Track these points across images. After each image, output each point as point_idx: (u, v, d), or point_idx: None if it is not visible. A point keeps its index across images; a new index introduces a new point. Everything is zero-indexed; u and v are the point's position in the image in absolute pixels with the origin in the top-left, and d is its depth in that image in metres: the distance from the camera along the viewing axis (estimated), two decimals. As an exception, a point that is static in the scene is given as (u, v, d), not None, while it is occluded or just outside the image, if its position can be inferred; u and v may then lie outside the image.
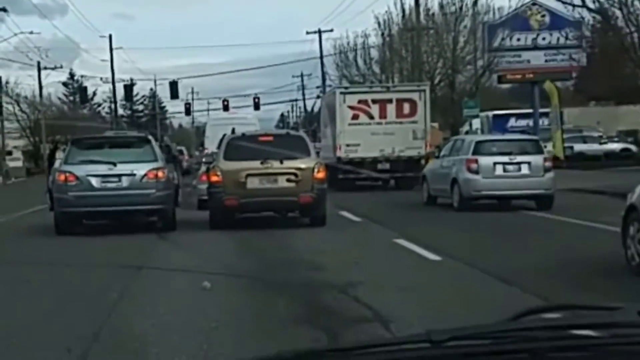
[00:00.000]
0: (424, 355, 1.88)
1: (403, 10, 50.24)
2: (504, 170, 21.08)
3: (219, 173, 17.98)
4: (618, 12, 30.77)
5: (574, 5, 32.72)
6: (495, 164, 21.13)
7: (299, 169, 17.76)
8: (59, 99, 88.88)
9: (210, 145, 33.57)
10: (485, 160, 21.17)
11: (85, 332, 8.09)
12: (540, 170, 21.11)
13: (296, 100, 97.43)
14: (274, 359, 1.91)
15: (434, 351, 1.87)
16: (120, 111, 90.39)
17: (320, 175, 17.95)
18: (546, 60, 42.80)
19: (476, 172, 21.07)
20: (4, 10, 59.82)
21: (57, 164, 19.22)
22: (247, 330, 8.21)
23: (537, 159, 21.30)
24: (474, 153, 21.39)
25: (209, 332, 8.02)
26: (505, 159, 21.20)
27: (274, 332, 7.99)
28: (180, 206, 22.20)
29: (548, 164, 21.51)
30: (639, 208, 10.95)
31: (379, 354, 1.91)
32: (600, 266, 11.70)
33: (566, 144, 39.78)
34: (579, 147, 45.65)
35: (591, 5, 31.36)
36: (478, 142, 22.16)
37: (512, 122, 52.04)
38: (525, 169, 21.09)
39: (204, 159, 27.81)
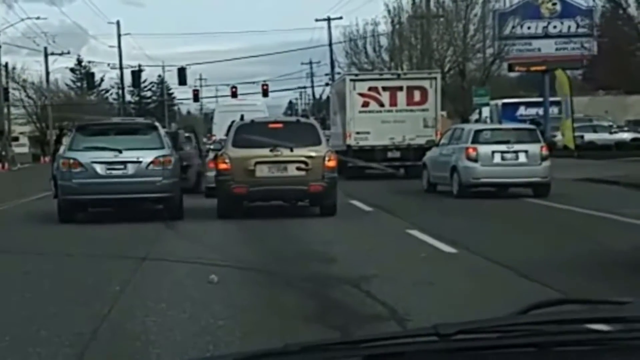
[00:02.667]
0: (431, 348, 1.87)
1: (413, -2, 49.78)
2: (502, 158, 21.66)
3: (227, 160, 17.56)
4: (632, 0, 30.22)
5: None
6: (493, 152, 21.71)
7: (310, 157, 17.33)
8: (66, 85, 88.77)
9: (219, 132, 33.25)
10: (484, 149, 21.74)
11: (84, 328, 7.69)
12: (538, 159, 21.53)
13: (305, 87, 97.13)
14: (281, 352, 1.87)
15: (441, 344, 1.85)
16: (128, 97, 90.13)
17: (331, 163, 17.53)
18: (557, 49, 42.48)
19: (475, 160, 21.63)
20: (12, -5, 59.46)
21: (61, 150, 18.82)
22: (255, 328, 7.77)
23: (534, 148, 21.77)
24: (473, 142, 21.97)
25: (215, 331, 7.59)
26: (504, 147, 21.77)
27: (283, 330, 7.55)
28: (203, 192, 21.98)
29: (545, 152, 21.89)
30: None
31: (386, 347, 1.90)
32: (620, 259, 11.27)
33: (576, 133, 39.38)
34: (589, 136, 45.17)
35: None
36: (477, 131, 22.84)
37: (521, 110, 51.61)
38: (522, 157, 21.59)
39: (211, 146, 27.44)
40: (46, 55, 70.79)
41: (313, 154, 17.41)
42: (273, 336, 7.32)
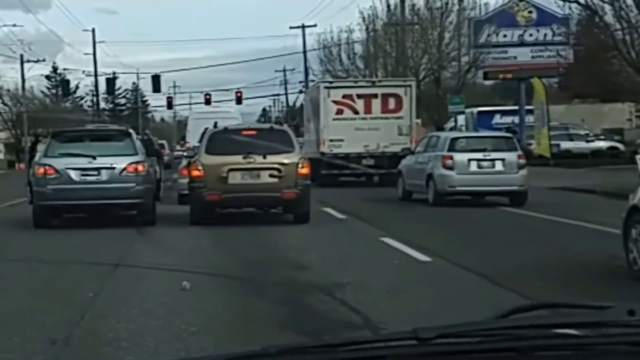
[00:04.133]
0: (410, 352, 1.86)
1: (388, 5, 50.01)
2: (479, 166, 21.49)
3: (200, 167, 17.53)
4: (608, 8, 30.41)
5: (564, 0, 32.37)
6: (469, 160, 21.51)
7: (283, 164, 17.32)
8: (42, 92, 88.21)
9: (192, 139, 33.09)
10: (460, 157, 21.54)
11: (57, 334, 7.65)
12: (514, 167, 21.39)
13: (278, 95, 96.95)
14: (260, 354, 1.87)
15: (420, 348, 1.85)
16: (103, 104, 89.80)
17: (305, 170, 17.52)
18: (533, 57, 42.72)
19: (451, 168, 21.43)
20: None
21: (37, 157, 18.88)
22: (228, 334, 7.75)
23: (511, 156, 21.61)
24: (449, 149, 21.78)
25: (187, 337, 7.58)
26: (480, 155, 21.56)
27: (256, 337, 7.53)
28: (161, 200, 21.83)
29: (522, 160, 21.75)
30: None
31: (365, 351, 1.89)
32: (595, 269, 11.33)
33: (552, 142, 39.53)
34: (565, 144, 45.31)
35: (581, 0, 30.99)
36: (453, 139, 22.64)
37: (497, 118, 51.69)
38: (499, 166, 21.43)
39: (184, 153, 27.36)
40: (22, 63, 70.44)
41: (286, 161, 17.39)
42: (246, 343, 7.28)
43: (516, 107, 43.89)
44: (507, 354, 1.89)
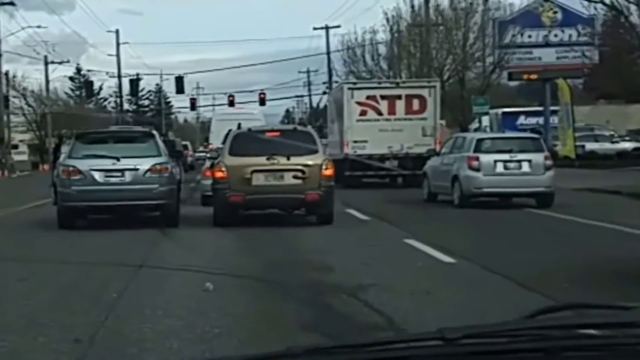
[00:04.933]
0: (436, 352, 1.84)
1: (412, 6, 49.91)
2: (505, 167, 21.27)
3: (223, 169, 17.53)
4: (633, 8, 30.18)
5: (590, 0, 32.14)
6: (496, 161, 21.31)
7: (306, 165, 17.29)
8: (65, 93, 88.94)
9: (215, 141, 33.08)
10: (486, 158, 21.36)
11: (81, 335, 7.64)
12: (541, 168, 21.19)
13: (302, 96, 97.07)
14: (284, 355, 1.86)
15: (446, 349, 1.83)
16: (126, 106, 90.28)
17: (328, 172, 17.48)
18: (557, 58, 42.44)
19: (477, 170, 21.24)
20: (13, 4, 59.56)
21: (61, 158, 19.00)
22: (251, 336, 7.72)
23: (537, 157, 21.38)
24: (475, 150, 21.61)
25: (211, 338, 7.55)
26: (506, 156, 21.36)
27: (279, 339, 7.49)
28: (183, 202, 21.85)
29: (549, 162, 21.56)
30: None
31: (391, 351, 1.88)
32: (622, 270, 11.20)
33: (577, 143, 39.31)
34: (590, 145, 45.09)
35: (606, 0, 30.77)
36: (479, 140, 22.45)
37: (521, 119, 51.50)
38: (526, 167, 21.22)
39: (208, 154, 27.38)
40: (46, 64, 70.84)
41: (310, 162, 17.36)
42: (269, 345, 7.25)
43: (541, 108, 43.66)
44: (534, 354, 1.88)
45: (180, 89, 62.00)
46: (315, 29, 73.15)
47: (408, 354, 1.86)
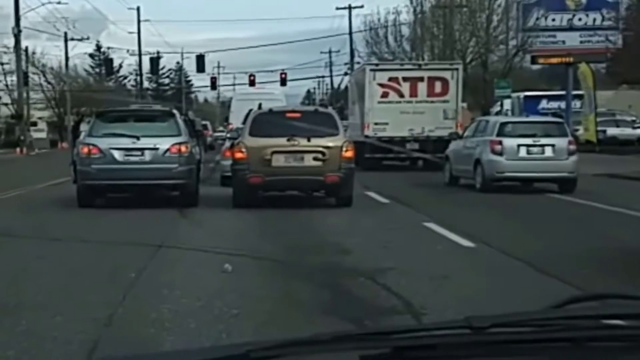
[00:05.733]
0: (464, 341, 1.84)
1: (436, -13, 49.52)
2: (528, 152, 21.09)
3: (243, 149, 17.48)
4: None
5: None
6: (519, 145, 21.12)
7: (327, 147, 17.22)
8: (85, 70, 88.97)
9: (235, 121, 33.06)
10: (509, 142, 21.18)
11: (99, 314, 7.63)
12: (565, 153, 21.02)
13: (323, 76, 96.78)
14: (313, 341, 1.87)
15: (474, 337, 1.82)
16: (146, 84, 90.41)
17: (349, 154, 17.40)
18: (581, 42, 42.01)
19: (500, 154, 21.09)
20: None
21: (81, 136, 19.05)
22: (269, 317, 7.69)
23: (561, 142, 21.19)
24: (498, 134, 21.43)
25: (229, 319, 7.53)
26: (530, 141, 21.17)
27: (297, 322, 7.48)
28: (202, 182, 21.86)
29: (572, 147, 21.38)
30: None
31: (418, 339, 1.88)
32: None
33: (599, 128, 39.05)
34: (611, 131, 44.80)
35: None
36: (502, 124, 22.22)
37: (543, 103, 51.19)
38: (549, 152, 21.05)
39: (228, 135, 27.36)
40: (66, 41, 70.91)
41: (330, 144, 17.29)
42: (287, 326, 7.25)
43: (563, 92, 43.36)
44: (562, 344, 1.86)
45: (201, 68, 61.98)
46: (337, 8, 72.87)
47: (435, 342, 1.86)
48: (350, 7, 71.41)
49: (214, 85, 71.16)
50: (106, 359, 6.35)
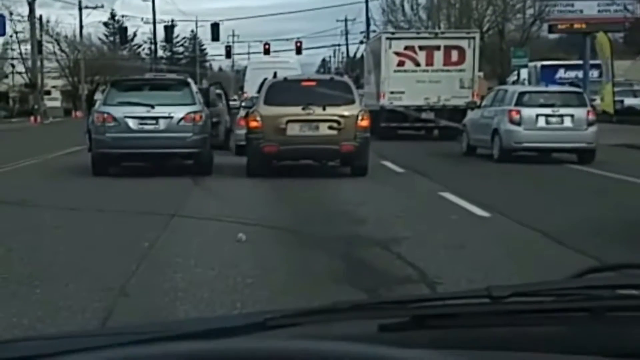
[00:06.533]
0: (483, 310, 1.84)
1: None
2: (547, 122, 20.93)
3: (258, 118, 17.41)
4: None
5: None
6: (537, 115, 20.96)
7: (342, 116, 17.13)
8: (99, 39, 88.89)
9: (250, 90, 33.02)
10: (527, 112, 21.01)
11: (113, 284, 7.63)
12: (584, 124, 20.83)
13: (339, 45, 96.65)
14: (331, 310, 1.86)
15: (494, 307, 1.82)
16: (160, 53, 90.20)
17: (364, 123, 17.31)
18: (599, 11, 41.64)
19: (518, 124, 20.92)
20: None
21: (96, 105, 19.08)
22: (283, 287, 7.67)
23: (580, 112, 21.00)
24: (516, 104, 21.23)
25: (243, 289, 7.51)
26: (548, 110, 21.02)
27: (311, 290, 7.45)
28: (231, 150, 22.01)
29: (592, 117, 21.18)
30: None
31: (437, 308, 1.89)
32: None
33: (616, 98, 38.77)
34: (629, 101, 44.51)
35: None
36: (521, 93, 22.01)
37: (560, 73, 50.87)
38: (568, 122, 20.89)
39: (243, 103, 27.30)
40: (80, 9, 70.94)
41: (346, 113, 17.19)
42: (301, 296, 7.23)
43: (580, 62, 43.07)
44: (581, 314, 1.85)
45: (215, 36, 61.90)
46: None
47: (455, 311, 1.85)
48: (366, -25, 70.98)
49: (228, 53, 71.10)
50: (123, 328, 6.32)
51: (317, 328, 1.84)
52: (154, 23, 76.89)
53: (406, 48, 31.27)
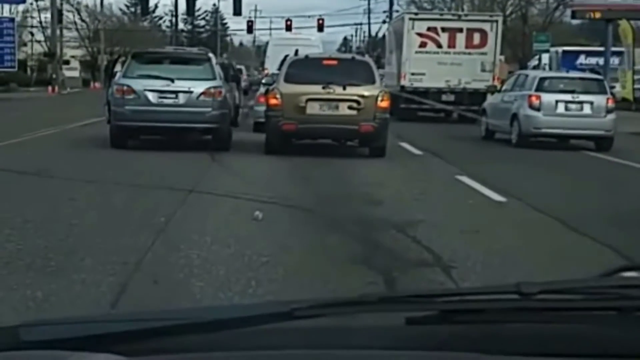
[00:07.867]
0: (512, 306, 1.83)
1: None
2: (566, 108, 20.89)
3: (278, 96, 17.37)
4: None
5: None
6: (557, 101, 20.91)
7: (362, 96, 17.08)
8: (120, 9, 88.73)
9: (271, 66, 32.94)
10: (547, 97, 20.95)
11: (128, 258, 7.62)
12: (603, 111, 20.80)
13: (361, 24, 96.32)
14: (357, 302, 1.85)
15: (522, 303, 1.81)
16: (181, 25, 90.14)
17: (384, 104, 17.26)
18: (623, -3, 41.34)
19: (537, 109, 20.86)
20: None
21: (116, 77, 19.09)
22: (298, 266, 7.68)
23: (600, 99, 20.98)
24: (537, 89, 21.16)
25: (258, 267, 7.50)
26: (568, 97, 20.98)
27: (327, 271, 7.46)
28: (239, 126, 21.89)
29: (611, 104, 21.13)
30: None
31: (465, 303, 1.88)
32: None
33: (636, 86, 38.51)
34: (649, 89, 44.08)
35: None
36: (542, 78, 21.96)
37: (581, 59, 50.55)
38: (587, 109, 20.84)
39: (263, 80, 27.27)
40: (102, -22, 70.72)
41: (366, 93, 17.14)
42: (316, 275, 7.23)
43: (602, 49, 42.78)
44: (610, 312, 1.85)
45: (237, 11, 61.64)
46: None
47: (483, 307, 1.85)
48: (391, -47, 70.56)
49: (250, 29, 70.86)
50: (147, 313, 6.32)
51: (343, 319, 1.86)
52: (176, -5, 76.73)
53: (429, 29, 31.15)
